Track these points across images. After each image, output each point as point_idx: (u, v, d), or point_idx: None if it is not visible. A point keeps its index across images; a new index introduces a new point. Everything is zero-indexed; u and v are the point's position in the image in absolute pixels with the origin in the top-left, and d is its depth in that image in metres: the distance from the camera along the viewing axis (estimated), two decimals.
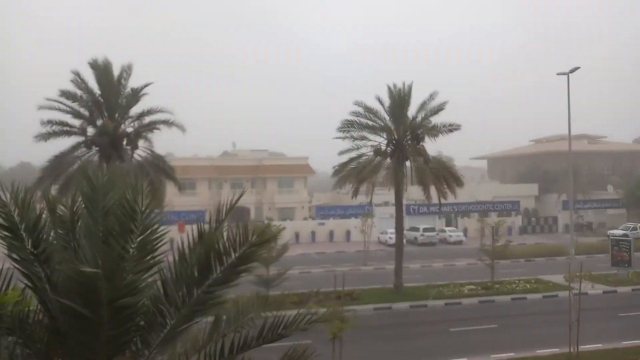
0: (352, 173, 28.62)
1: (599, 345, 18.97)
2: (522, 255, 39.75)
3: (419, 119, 28.17)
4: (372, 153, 28.77)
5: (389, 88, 28.24)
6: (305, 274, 35.07)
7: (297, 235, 51.46)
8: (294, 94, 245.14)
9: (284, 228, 32.80)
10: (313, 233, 52.73)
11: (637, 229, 47.99)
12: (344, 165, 29.47)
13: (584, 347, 18.27)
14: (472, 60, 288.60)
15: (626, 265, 30.52)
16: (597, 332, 20.26)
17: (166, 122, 25.54)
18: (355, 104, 28.50)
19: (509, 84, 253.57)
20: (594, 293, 26.39)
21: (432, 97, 27.94)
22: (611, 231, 47.40)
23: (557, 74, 33.45)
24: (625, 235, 40.66)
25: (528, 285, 29.45)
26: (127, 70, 25.17)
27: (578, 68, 32.36)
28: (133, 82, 25.53)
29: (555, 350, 18.58)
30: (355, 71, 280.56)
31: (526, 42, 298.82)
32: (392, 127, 28.42)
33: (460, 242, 49.06)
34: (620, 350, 18.65)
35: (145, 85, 25.64)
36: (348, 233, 52.46)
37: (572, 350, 17.89)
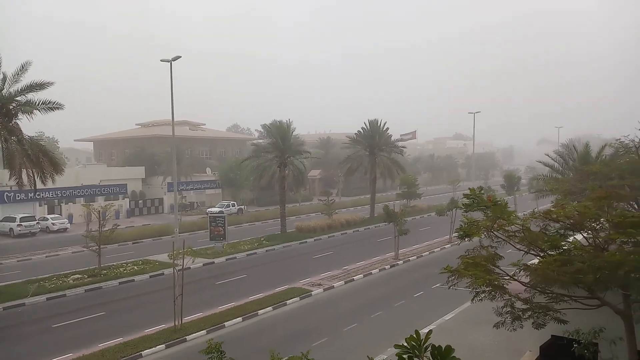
0: None
1: (200, 314, 20.99)
2: (130, 238, 40.07)
3: (11, 91, 24.18)
4: None
5: None
6: None
7: None
8: None
9: None
10: None
11: (229, 207, 55.33)
12: None
13: (188, 318, 19.91)
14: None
15: (222, 238, 34.85)
16: (198, 302, 22.36)
17: None
18: None
19: (120, 67, 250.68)
20: (195, 267, 29.03)
21: (25, 67, 24.41)
22: (210, 209, 52.88)
23: (161, 60, 34.84)
24: (221, 212, 46.20)
25: (136, 267, 29.89)
26: None
27: (179, 57, 34.49)
28: None
29: (163, 326, 19.54)
30: None
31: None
32: None
33: (65, 230, 45.56)
34: (217, 314, 21.14)
35: None
36: None
37: (176, 323, 19.22)
